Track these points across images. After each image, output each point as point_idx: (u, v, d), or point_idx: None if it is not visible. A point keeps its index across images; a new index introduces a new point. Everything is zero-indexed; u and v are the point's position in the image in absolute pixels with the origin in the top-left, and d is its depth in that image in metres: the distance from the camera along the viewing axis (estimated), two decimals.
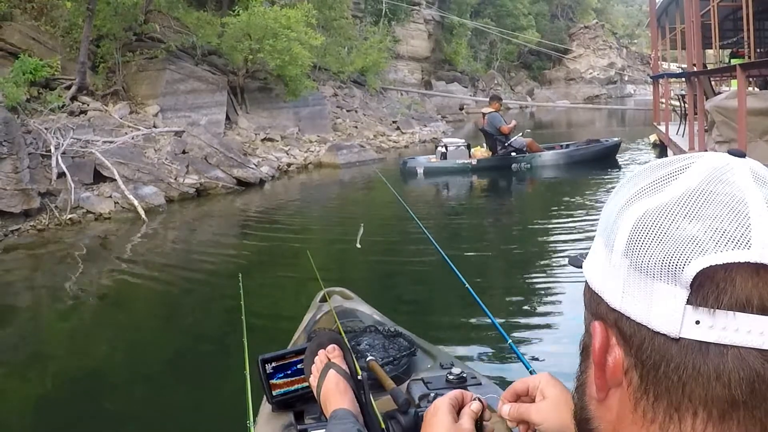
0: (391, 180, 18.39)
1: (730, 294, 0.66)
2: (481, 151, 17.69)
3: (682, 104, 17.48)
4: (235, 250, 11.37)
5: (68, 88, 16.92)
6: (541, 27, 56.51)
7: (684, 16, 18.89)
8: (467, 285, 3.28)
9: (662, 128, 19.04)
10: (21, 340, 7.71)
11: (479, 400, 1.41)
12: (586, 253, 0.84)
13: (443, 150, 17.77)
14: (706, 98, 12.75)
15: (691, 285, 0.67)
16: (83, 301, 8.94)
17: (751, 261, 0.65)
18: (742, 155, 0.75)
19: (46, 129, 14.47)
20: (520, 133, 17.79)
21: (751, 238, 0.66)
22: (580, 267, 0.84)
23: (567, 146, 18.50)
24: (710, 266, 0.66)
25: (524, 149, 17.27)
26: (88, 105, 17.01)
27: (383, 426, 2.15)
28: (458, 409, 1.37)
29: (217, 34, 21.01)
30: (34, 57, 16.50)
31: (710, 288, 0.66)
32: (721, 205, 0.68)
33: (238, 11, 20.56)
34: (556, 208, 13.25)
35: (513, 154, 17.18)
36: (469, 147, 17.74)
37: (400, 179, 17.56)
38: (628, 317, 0.72)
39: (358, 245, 5.21)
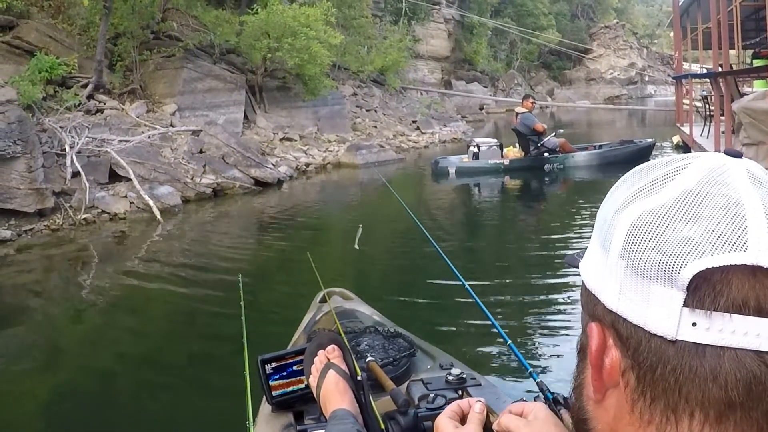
0: (412, 180, 18.57)
1: (726, 296, 0.66)
2: (513, 151, 17.54)
3: (707, 105, 17.26)
4: (248, 251, 11.35)
5: (85, 86, 16.78)
6: (561, 27, 56.14)
7: (706, 16, 18.64)
8: (467, 285, 3.29)
9: (686, 129, 18.79)
10: (32, 340, 7.67)
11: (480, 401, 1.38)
12: (583, 253, 0.84)
13: (475, 150, 17.58)
14: (732, 99, 12.53)
15: (688, 287, 0.67)
16: (94, 303, 8.86)
17: (748, 263, 0.65)
18: (738, 156, 0.74)
19: (61, 128, 14.31)
20: (553, 133, 17.63)
21: (748, 240, 0.66)
22: (577, 267, 0.85)
23: (600, 147, 18.32)
24: (707, 268, 0.66)
25: (557, 149, 17.13)
26: (104, 103, 16.88)
27: (383, 426, 2.16)
28: (460, 417, 1.33)
29: (236, 32, 20.82)
30: (51, 55, 16.36)
31: (707, 290, 0.66)
32: (717, 206, 0.68)
33: (257, 9, 20.40)
34: (579, 209, 13.07)
35: (546, 154, 17.05)
36: (501, 147, 17.54)
37: (431, 179, 17.68)
38: (625, 319, 0.72)
39: (357, 246, 5.24)
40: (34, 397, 6.10)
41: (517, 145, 17.63)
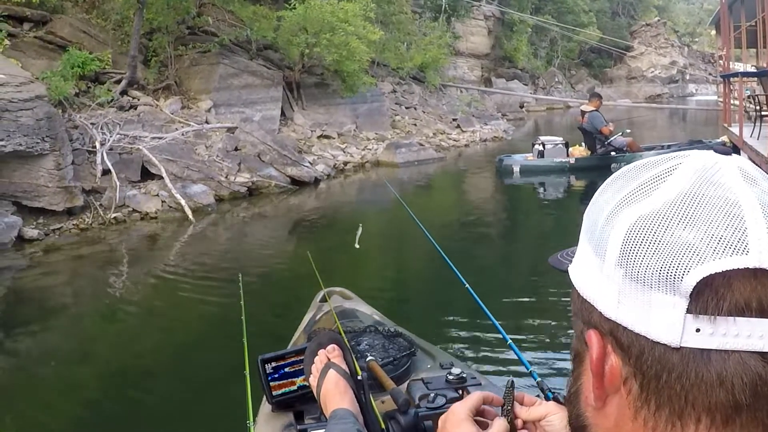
0: (451, 179, 18.15)
1: (729, 300, 0.65)
2: (579, 150, 17.12)
3: (756, 105, 16.68)
4: (275, 252, 11.21)
5: (118, 82, 16.46)
6: (602, 24, 55.52)
7: (750, 14, 17.99)
8: (467, 285, 3.33)
9: (734, 130, 18.15)
10: (56, 342, 7.61)
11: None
12: (567, 253, 0.85)
13: (540, 148, 17.17)
14: None
15: (691, 294, 0.65)
16: (116, 306, 8.72)
17: (750, 266, 0.64)
18: (728, 153, 0.73)
19: (92, 124, 13.96)
20: (620, 132, 17.13)
21: (748, 243, 0.64)
22: (563, 270, 0.84)
23: (668, 147, 17.71)
24: (709, 274, 0.65)
25: (624, 149, 16.62)
26: (138, 99, 16.55)
27: (383, 426, 2.20)
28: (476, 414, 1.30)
29: (273, 27, 20.43)
30: (85, 50, 16.09)
31: (709, 295, 0.65)
32: (714, 208, 0.67)
33: (295, 4, 19.93)
34: None
35: (613, 153, 16.57)
36: (567, 145, 17.13)
37: (496, 177, 17.57)
38: (625, 327, 0.70)
39: (357, 245, 5.19)
40: (53, 398, 6.10)
41: (583, 143, 17.23)
